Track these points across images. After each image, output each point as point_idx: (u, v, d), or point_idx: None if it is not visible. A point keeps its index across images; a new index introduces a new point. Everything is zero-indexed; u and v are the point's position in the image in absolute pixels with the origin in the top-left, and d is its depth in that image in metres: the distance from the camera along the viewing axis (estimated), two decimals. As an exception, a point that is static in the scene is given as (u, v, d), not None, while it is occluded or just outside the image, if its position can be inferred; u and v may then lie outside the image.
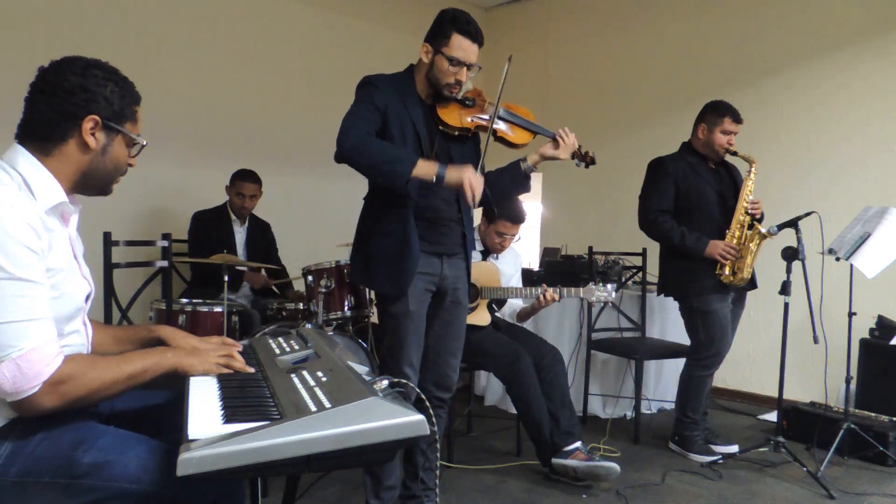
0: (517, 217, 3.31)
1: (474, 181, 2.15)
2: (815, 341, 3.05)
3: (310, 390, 1.28)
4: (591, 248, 4.21)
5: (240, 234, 4.21)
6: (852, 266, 3.20)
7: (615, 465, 2.96)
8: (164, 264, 3.13)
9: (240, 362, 1.54)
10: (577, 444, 3.03)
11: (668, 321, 4.41)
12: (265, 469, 1.10)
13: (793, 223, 3.21)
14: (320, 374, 1.37)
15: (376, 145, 2.17)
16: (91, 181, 1.47)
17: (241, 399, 1.33)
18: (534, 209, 5.99)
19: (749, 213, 3.37)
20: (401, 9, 5.62)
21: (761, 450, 3.29)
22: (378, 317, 2.45)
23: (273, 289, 4.24)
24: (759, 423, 4.17)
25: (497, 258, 3.46)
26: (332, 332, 3.39)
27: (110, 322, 2.89)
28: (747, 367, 4.68)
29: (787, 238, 3.24)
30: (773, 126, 4.60)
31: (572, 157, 2.50)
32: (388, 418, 1.14)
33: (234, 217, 4.17)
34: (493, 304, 3.30)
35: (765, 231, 3.26)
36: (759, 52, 4.69)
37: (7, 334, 1.24)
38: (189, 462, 1.06)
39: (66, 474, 1.29)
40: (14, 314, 1.24)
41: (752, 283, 3.49)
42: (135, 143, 1.50)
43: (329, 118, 2.28)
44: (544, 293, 3.11)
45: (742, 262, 3.34)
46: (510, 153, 2.45)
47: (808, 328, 3.06)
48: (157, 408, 1.65)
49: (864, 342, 3.87)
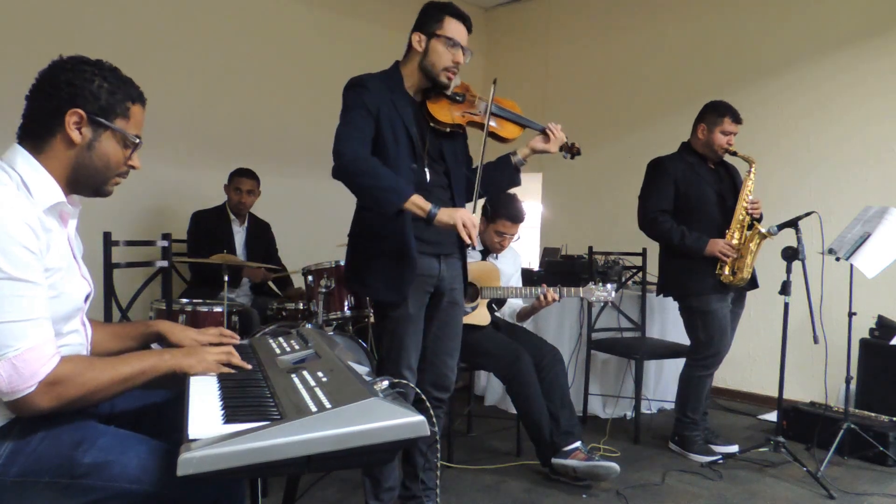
0: (516, 216, 3.31)
1: (467, 220, 2.12)
2: (815, 341, 3.05)
3: (310, 390, 1.28)
4: (591, 248, 4.21)
5: (239, 233, 4.21)
6: (852, 266, 3.20)
7: (615, 465, 2.96)
8: (164, 264, 3.13)
9: (237, 358, 1.53)
10: (577, 444, 3.03)
11: (668, 321, 4.40)
12: (265, 469, 1.10)
13: (793, 223, 3.21)
14: (320, 374, 1.37)
15: (373, 169, 2.12)
16: (82, 179, 1.44)
17: (242, 399, 1.33)
18: (534, 209, 5.99)
19: (749, 214, 3.38)
20: (401, 9, 5.59)
21: (761, 450, 3.29)
22: (376, 319, 2.43)
23: (272, 287, 4.24)
24: (759, 423, 4.17)
25: (497, 258, 3.46)
26: (332, 332, 3.39)
27: (110, 322, 2.89)
28: (747, 367, 4.68)
29: (787, 238, 3.24)
30: (772, 126, 4.60)
31: (560, 150, 2.50)
32: (388, 419, 1.14)
33: (233, 217, 4.17)
34: (493, 304, 3.30)
35: (765, 231, 3.26)
36: (759, 53, 4.69)
37: (4, 334, 1.24)
38: (189, 462, 1.06)
39: (66, 474, 1.29)
40: (11, 314, 1.24)
41: (752, 283, 3.49)
42: (128, 141, 1.46)
43: (329, 118, 2.28)
44: (544, 293, 3.11)
45: (742, 262, 3.34)
46: (499, 147, 2.44)
47: (808, 328, 3.06)
48: (157, 407, 1.65)
49: (864, 342, 3.87)
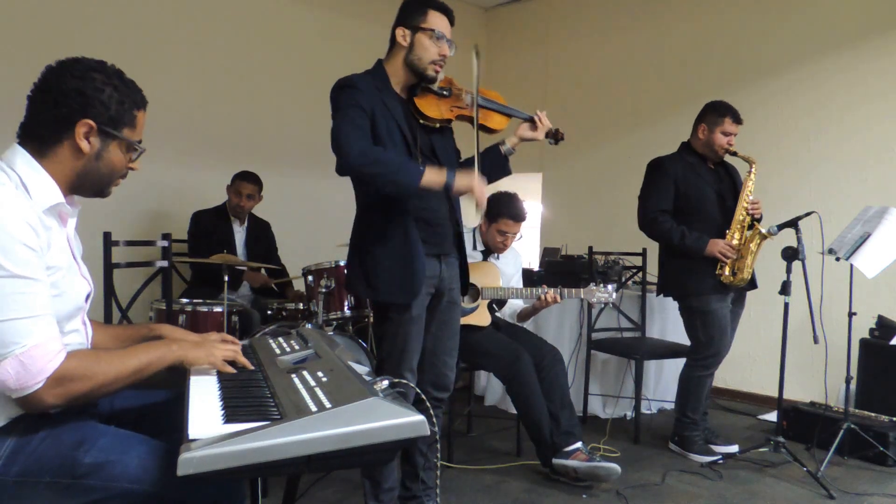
0: (518, 215, 3.31)
1: (482, 186, 2.18)
2: (815, 341, 3.05)
3: (310, 390, 1.28)
4: (591, 248, 4.21)
5: (239, 233, 4.21)
6: (852, 266, 3.20)
7: (616, 466, 2.95)
8: (164, 264, 3.13)
9: (243, 358, 1.55)
10: (578, 444, 3.03)
11: (668, 321, 4.40)
12: (265, 469, 1.10)
13: (793, 223, 3.21)
14: (320, 374, 1.37)
15: (382, 155, 2.13)
16: (86, 184, 1.46)
17: (242, 399, 1.34)
18: (534, 209, 5.99)
19: (749, 214, 3.38)
20: (401, 9, 5.61)
21: (761, 450, 3.28)
22: (377, 321, 2.40)
23: (273, 287, 4.24)
24: (759, 423, 4.17)
25: (498, 258, 3.46)
26: (332, 332, 3.39)
27: (110, 322, 2.89)
28: (747, 367, 4.67)
29: (787, 238, 3.24)
30: (773, 126, 4.60)
31: (546, 136, 2.50)
32: (388, 419, 1.14)
33: (233, 217, 4.18)
34: (494, 305, 3.30)
35: (765, 231, 3.26)
36: (760, 53, 4.69)
37: (9, 331, 1.24)
38: (189, 462, 1.06)
39: (67, 474, 1.29)
40: (16, 311, 1.24)
41: (752, 284, 3.49)
42: (133, 148, 1.48)
43: (329, 118, 2.27)
44: (545, 294, 3.11)
45: (742, 263, 3.34)
46: (487, 138, 2.42)
47: (808, 328, 3.06)
48: (157, 407, 1.65)
49: (864, 342, 3.87)
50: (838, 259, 3.23)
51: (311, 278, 3.50)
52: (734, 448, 3.48)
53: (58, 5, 3.92)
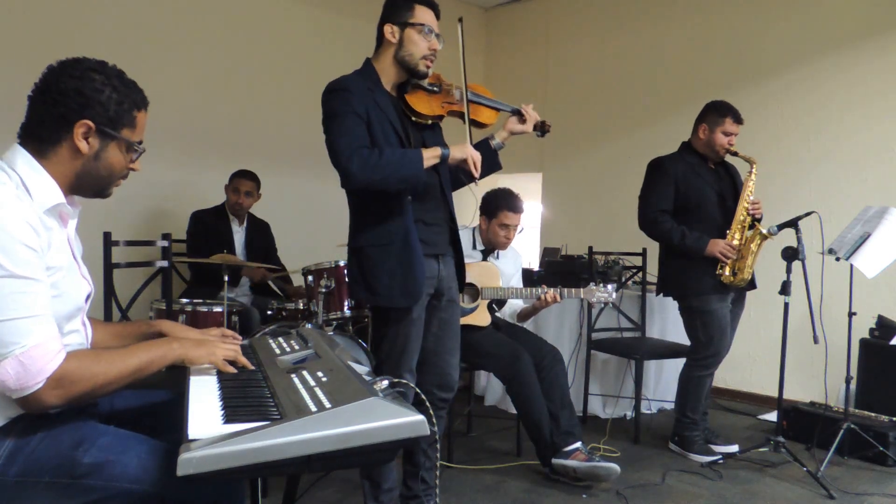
0: (517, 206, 3.31)
1: (475, 154, 2.23)
2: (815, 341, 3.05)
3: (310, 390, 1.28)
4: (591, 248, 4.21)
5: (238, 233, 4.21)
6: (852, 266, 3.20)
7: (615, 466, 2.96)
8: (164, 264, 3.13)
9: (244, 358, 1.55)
10: (577, 444, 3.03)
11: (668, 321, 4.40)
12: (265, 469, 1.10)
13: (793, 223, 3.21)
14: (320, 374, 1.37)
15: (380, 159, 2.13)
16: (85, 184, 1.46)
17: (242, 399, 1.33)
18: (534, 209, 6.00)
19: (750, 214, 3.38)
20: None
21: (761, 450, 3.28)
22: (375, 324, 2.38)
23: (272, 286, 4.23)
24: (759, 423, 4.17)
25: (497, 257, 3.46)
26: (332, 332, 3.39)
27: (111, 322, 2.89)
28: (747, 367, 4.68)
29: (787, 238, 3.24)
30: (773, 126, 4.60)
31: (534, 129, 2.50)
32: (388, 418, 1.14)
33: (232, 217, 4.18)
34: (494, 305, 3.30)
35: (765, 231, 3.26)
36: (759, 53, 4.69)
37: (9, 331, 1.24)
38: (189, 462, 1.06)
39: (66, 474, 1.29)
40: (16, 311, 1.24)
41: (751, 284, 3.49)
42: (133, 148, 1.48)
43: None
44: (545, 294, 3.11)
45: (743, 263, 3.34)
46: (476, 133, 2.42)
47: (808, 328, 3.06)
48: (157, 407, 1.65)
49: (864, 342, 3.87)
50: (838, 259, 3.23)
51: (311, 278, 3.50)
52: (734, 448, 3.48)
53: (58, 5, 3.92)
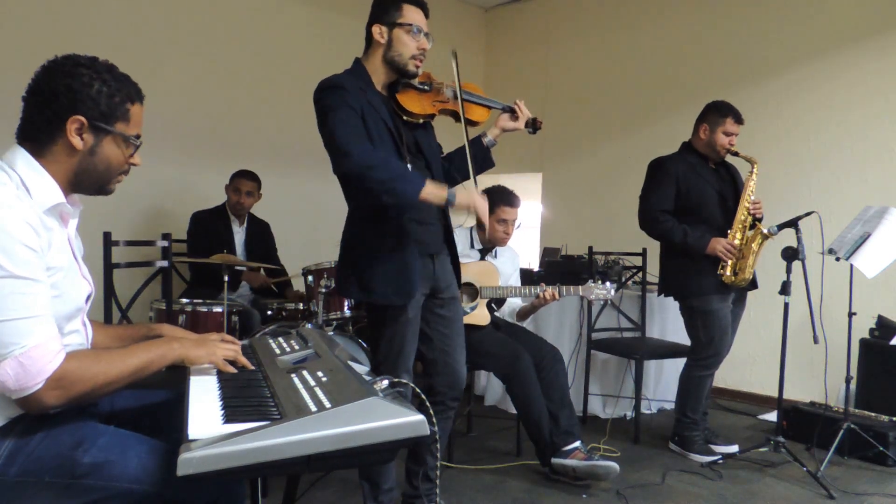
0: (513, 199, 3.31)
1: (482, 203, 2.18)
2: (815, 341, 3.05)
3: (310, 390, 1.28)
4: (591, 248, 4.21)
5: (239, 233, 4.21)
6: (852, 266, 3.20)
7: (614, 465, 2.95)
8: (165, 264, 3.13)
9: (244, 358, 1.55)
10: (577, 443, 3.03)
11: (668, 321, 4.40)
12: (265, 469, 1.10)
13: (793, 223, 3.21)
14: (320, 374, 1.37)
15: (386, 161, 2.09)
16: (85, 181, 1.45)
17: (242, 399, 1.33)
18: (534, 209, 6.00)
19: (751, 214, 3.37)
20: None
21: (761, 450, 3.28)
22: (371, 324, 2.37)
23: (272, 288, 4.24)
24: (759, 423, 4.17)
25: (496, 256, 3.46)
26: (332, 332, 3.39)
27: (110, 322, 2.89)
28: (747, 367, 4.67)
29: (788, 238, 3.24)
30: (773, 126, 4.60)
31: (526, 126, 2.49)
32: (388, 418, 1.14)
33: (232, 217, 4.18)
34: (493, 304, 3.30)
35: (766, 231, 3.26)
36: (760, 53, 4.69)
37: (9, 332, 1.24)
38: (189, 462, 1.06)
39: (66, 474, 1.29)
40: (15, 312, 1.24)
41: (752, 284, 3.49)
42: (130, 142, 1.47)
43: (328, 118, 2.27)
44: (544, 292, 3.11)
45: (744, 263, 3.34)
46: (469, 130, 2.40)
47: (808, 328, 3.06)
48: (157, 407, 1.65)
49: (864, 342, 3.87)
50: (838, 259, 3.23)
51: (311, 278, 3.50)
52: (734, 448, 3.48)
53: (58, 5, 3.92)
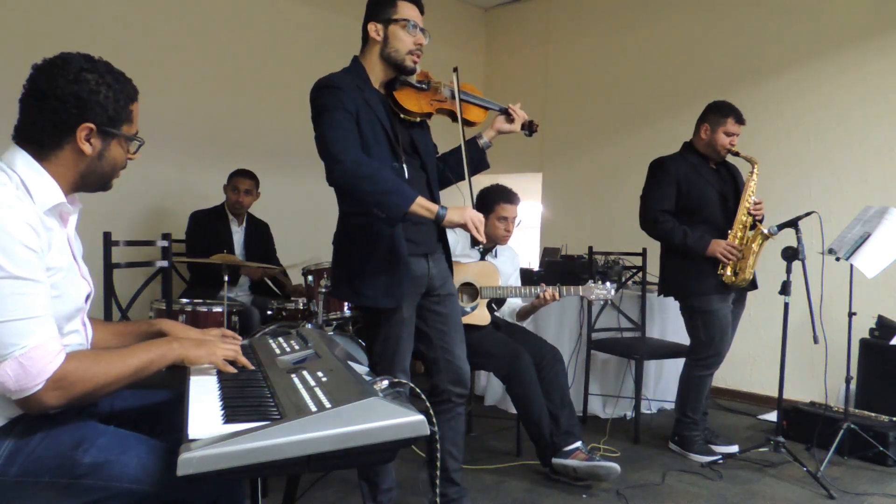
0: (512, 196, 3.32)
1: (476, 218, 2.13)
2: (815, 341, 3.05)
3: (310, 390, 1.28)
4: (591, 248, 4.21)
5: (237, 233, 4.21)
6: (852, 266, 3.20)
7: (615, 465, 2.95)
8: (164, 264, 3.13)
9: (244, 358, 1.55)
10: (577, 443, 3.03)
11: (668, 321, 4.40)
12: (265, 469, 1.10)
13: (793, 223, 3.21)
14: (320, 374, 1.37)
15: (378, 172, 2.07)
16: (89, 182, 1.47)
17: (242, 399, 1.33)
18: (534, 209, 5.99)
19: (751, 214, 3.37)
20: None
21: (761, 450, 3.28)
22: (366, 325, 2.36)
23: (271, 286, 4.23)
24: (759, 423, 4.17)
25: (496, 256, 3.46)
26: (332, 332, 3.39)
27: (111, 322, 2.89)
28: (747, 367, 4.67)
29: (788, 238, 3.24)
30: (773, 126, 4.60)
31: (522, 128, 2.49)
32: (388, 418, 1.14)
33: (231, 217, 4.17)
34: (493, 304, 3.30)
35: (766, 231, 3.26)
36: (760, 53, 4.69)
37: (9, 333, 1.24)
38: (189, 462, 1.06)
39: (66, 474, 1.29)
40: (15, 312, 1.24)
41: (752, 284, 3.49)
42: (133, 141, 1.49)
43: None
44: (544, 292, 3.11)
45: (744, 263, 3.34)
46: (466, 132, 2.41)
47: (808, 328, 3.06)
48: (157, 407, 1.65)
49: (864, 342, 3.87)
50: (838, 259, 3.23)
51: (311, 278, 3.50)
52: (734, 448, 3.48)
53: (58, 5, 3.92)
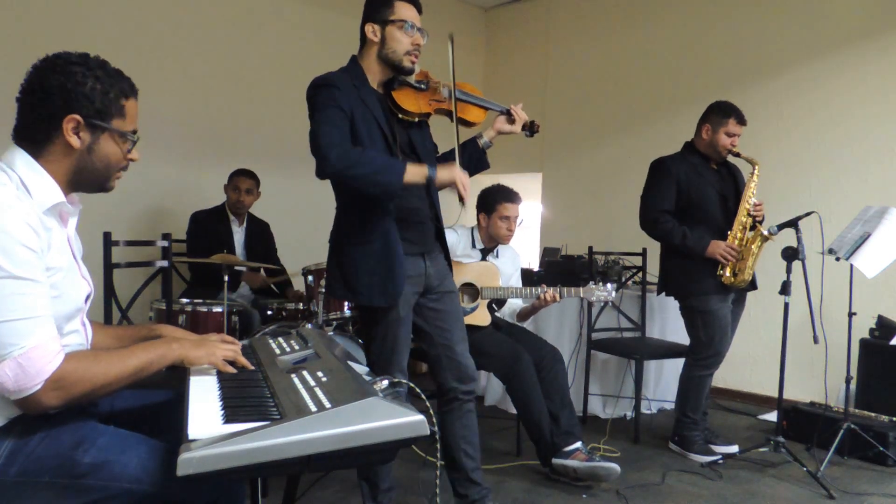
0: (513, 195, 3.32)
1: (464, 178, 2.17)
2: (815, 341, 3.05)
3: (310, 390, 1.28)
4: (591, 248, 4.21)
5: (238, 233, 4.21)
6: (852, 266, 3.20)
7: (615, 466, 2.95)
8: (165, 264, 3.13)
9: (243, 359, 1.55)
10: (578, 444, 3.03)
11: (668, 321, 4.40)
12: (265, 469, 1.10)
13: (793, 223, 3.21)
14: (320, 374, 1.37)
15: (362, 156, 2.10)
16: (84, 179, 1.45)
17: (242, 399, 1.33)
18: (534, 209, 5.99)
19: (751, 215, 3.37)
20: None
21: (761, 450, 3.28)
22: (363, 324, 2.37)
23: (273, 288, 4.24)
24: (759, 423, 4.17)
25: (497, 256, 3.46)
26: (332, 332, 3.39)
27: (110, 322, 2.89)
28: (747, 367, 4.67)
29: (788, 238, 3.24)
30: (774, 126, 4.60)
31: (522, 129, 2.49)
32: (388, 418, 1.14)
33: (232, 217, 4.17)
34: (493, 304, 3.30)
35: (766, 232, 3.26)
36: (760, 53, 4.69)
37: (8, 333, 1.23)
38: (189, 462, 1.06)
39: (66, 474, 1.29)
40: (15, 312, 1.24)
41: (752, 285, 3.49)
42: (126, 138, 1.47)
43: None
44: (544, 293, 3.11)
45: (743, 264, 3.34)
46: (465, 131, 2.41)
47: (808, 328, 3.06)
48: (157, 407, 1.65)
49: (864, 342, 3.87)
50: (838, 259, 3.23)
51: (310, 278, 3.50)
52: (734, 448, 3.48)
53: (57, 5, 3.92)
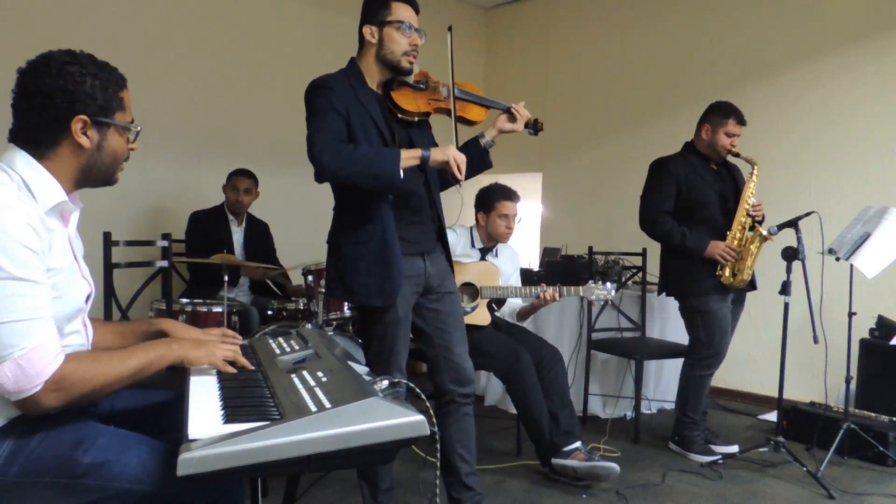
0: (511, 193, 3.33)
1: (458, 157, 2.15)
2: (815, 341, 3.05)
3: (310, 390, 1.28)
4: (591, 248, 4.21)
5: (237, 233, 4.21)
6: (852, 266, 3.20)
7: (615, 466, 2.95)
8: (165, 264, 3.13)
9: (243, 359, 1.55)
10: (577, 444, 3.03)
11: (668, 321, 4.40)
12: (265, 469, 1.10)
13: (793, 223, 3.21)
14: (320, 374, 1.37)
15: (354, 153, 2.10)
16: (92, 176, 1.46)
17: (242, 399, 1.33)
18: (534, 209, 5.99)
19: (750, 216, 3.37)
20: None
21: (761, 450, 3.28)
22: (362, 324, 2.35)
23: (272, 286, 4.23)
24: (759, 423, 4.17)
25: (497, 256, 3.46)
26: (332, 332, 3.39)
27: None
28: (747, 367, 4.67)
29: (788, 238, 3.24)
30: (773, 126, 4.60)
31: (525, 127, 2.47)
32: (388, 418, 1.14)
33: (231, 217, 4.17)
34: (493, 304, 3.30)
35: (765, 232, 3.26)
36: (760, 53, 4.69)
37: (8, 334, 1.23)
38: (189, 462, 1.06)
39: (66, 474, 1.29)
40: (15, 314, 1.24)
41: (751, 285, 3.49)
42: (129, 129, 1.48)
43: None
44: (544, 292, 3.11)
45: (742, 264, 3.34)
46: (466, 130, 2.41)
47: (808, 328, 3.06)
48: (157, 407, 1.65)
49: (864, 342, 3.87)
50: (838, 259, 3.23)
51: (310, 278, 3.50)
52: (734, 448, 3.48)
53: (57, 5, 3.92)
